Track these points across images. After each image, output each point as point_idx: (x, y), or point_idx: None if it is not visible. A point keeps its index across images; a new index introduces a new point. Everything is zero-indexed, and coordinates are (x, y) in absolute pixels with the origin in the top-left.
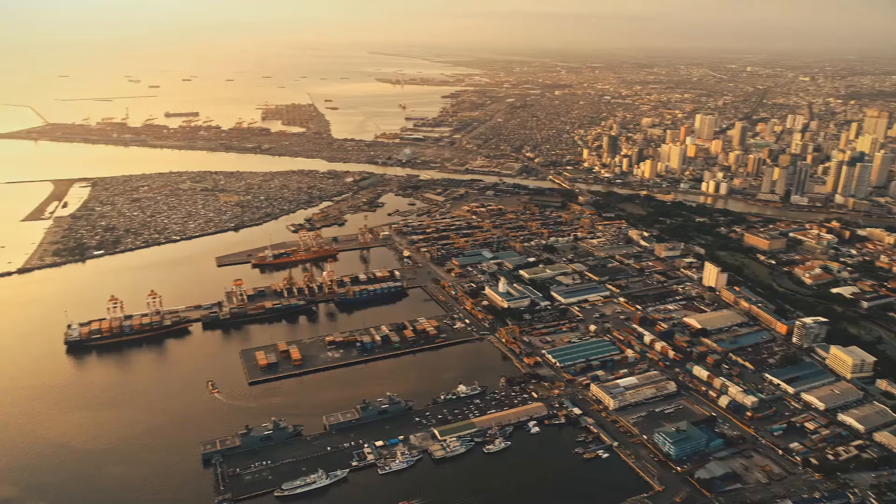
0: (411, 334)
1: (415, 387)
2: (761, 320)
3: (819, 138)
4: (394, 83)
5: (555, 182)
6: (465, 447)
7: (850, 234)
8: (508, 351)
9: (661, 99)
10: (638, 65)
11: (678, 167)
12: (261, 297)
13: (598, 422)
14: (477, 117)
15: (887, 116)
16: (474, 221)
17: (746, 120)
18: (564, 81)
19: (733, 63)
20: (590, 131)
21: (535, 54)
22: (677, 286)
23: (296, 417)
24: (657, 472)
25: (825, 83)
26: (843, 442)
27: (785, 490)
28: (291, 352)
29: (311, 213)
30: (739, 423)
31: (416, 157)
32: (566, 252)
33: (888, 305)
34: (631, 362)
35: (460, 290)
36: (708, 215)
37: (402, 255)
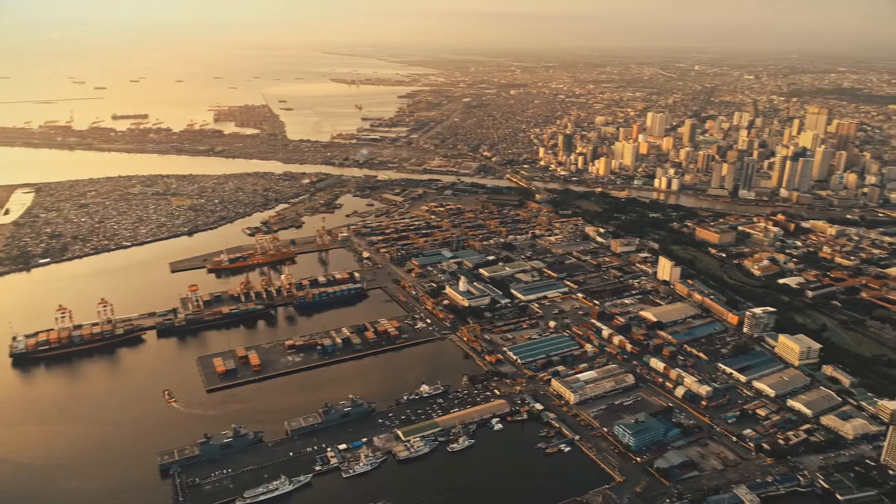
0: (372, 336)
1: (377, 388)
2: (714, 312)
3: (764, 134)
4: (349, 83)
5: (512, 181)
6: (429, 447)
7: (795, 227)
8: (470, 349)
9: (614, 97)
10: (591, 64)
11: (631, 164)
12: (217, 302)
13: (559, 416)
14: (434, 117)
15: (827, 113)
16: (433, 221)
17: (695, 117)
18: (519, 81)
19: (682, 62)
20: (545, 130)
21: (490, 54)
22: (633, 281)
23: (256, 424)
24: (618, 463)
25: (769, 81)
26: (793, 427)
27: (739, 475)
28: (250, 357)
29: (268, 215)
30: (695, 413)
31: (373, 157)
32: (525, 250)
33: (831, 294)
34: (590, 357)
35: (421, 290)
36: (661, 211)
37: (361, 256)
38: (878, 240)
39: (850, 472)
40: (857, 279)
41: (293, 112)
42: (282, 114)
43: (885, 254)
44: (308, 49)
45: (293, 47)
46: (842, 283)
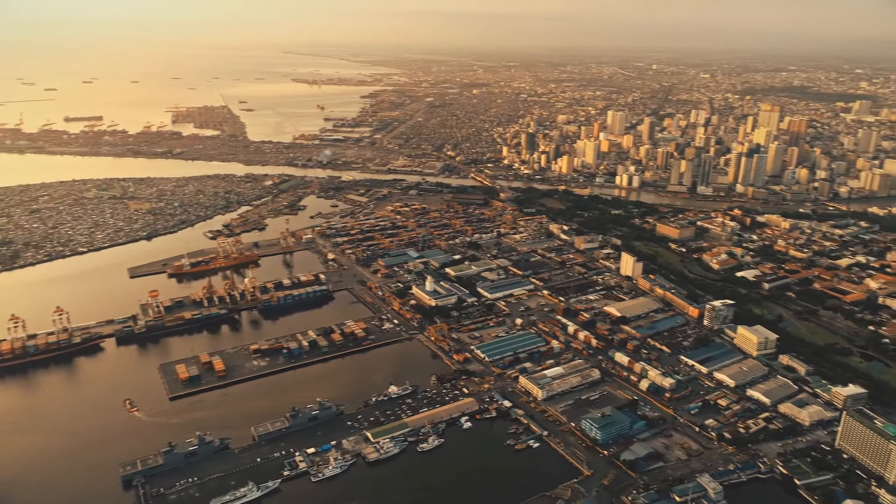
0: (339, 338)
1: (345, 390)
2: (675, 306)
3: (720, 132)
4: (311, 83)
5: (476, 180)
6: (398, 447)
7: (751, 221)
8: (438, 349)
9: (575, 96)
10: (552, 64)
11: (593, 162)
12: (179, 307)
13: (527, 413)
14: (397, 117)
15: (779, 110)
16: (399, 221)
17: (654, 116)
18: (482, 80)
19: (640, 62)
20: (508, 129)
21: (452, 53)
22: (597, 277)
23: (222, 430)
24: (585, 457)
25: (723, 80)
26: (752, 415)
27: (702, 465)
28: (214, 363)
29: (230, 218)
30: (659, 405)
31: (336, 158)
32: (490, 248)
33: (786, 286)
34: (556, 353)
35: (387, 290)
36: (623, 207)
37: (326, 257)
38: (829, 232)
39: (807, 457)
40: (810, 271)
41: (254, 113)
42: (242, 115)
43: (835, 246)
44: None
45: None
46: (796, 274)
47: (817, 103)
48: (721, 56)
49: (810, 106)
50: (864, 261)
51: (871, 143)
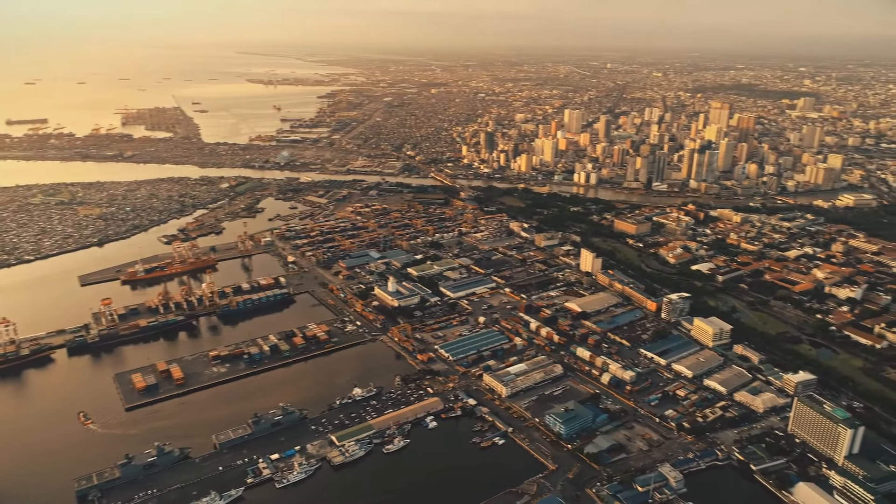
0: (301, 341)
1: (309, 394)
2: (634, 300)
3: (673, 129)
4: (266, 84)
5: (437, 179)
6: (364, 450)
7: (704, 216)
8: (402, 349)
9: (532, 95)
10: (509, 63)
11: (551, 160)
12: (134, 315)
13: (492, 410)
14: (355, 117)
15: (728, 108)
16: (359, 222)
17: (609, 114)
18: (440, 80)
19: (595, 61)
20: (467, 128)
21: (410, 53)
22: (557, 273)
23: (182, 439)
24: (550, 451)
25: (675, 78)
26: (710, 404)
27: (663, 454)
28: (172, 371)
29: (185, 222)
30: (620, 398)
31: (294, 159)
32: (452, 247)
33: (738, 278)
34: (519, 349)
35: (349, 292)
36: (581, 205)
37: (286, 260)
38: (778, 225)
39: (762, 443)
40: (761, 263)
41: (208, 114)
42: (195, 116)
43: (784, 238)
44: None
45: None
46: (747, 266)
47: (764, 100)
48: (672, 55)
49: (758, 103)
50: (811, 252)
51: (815, 139)
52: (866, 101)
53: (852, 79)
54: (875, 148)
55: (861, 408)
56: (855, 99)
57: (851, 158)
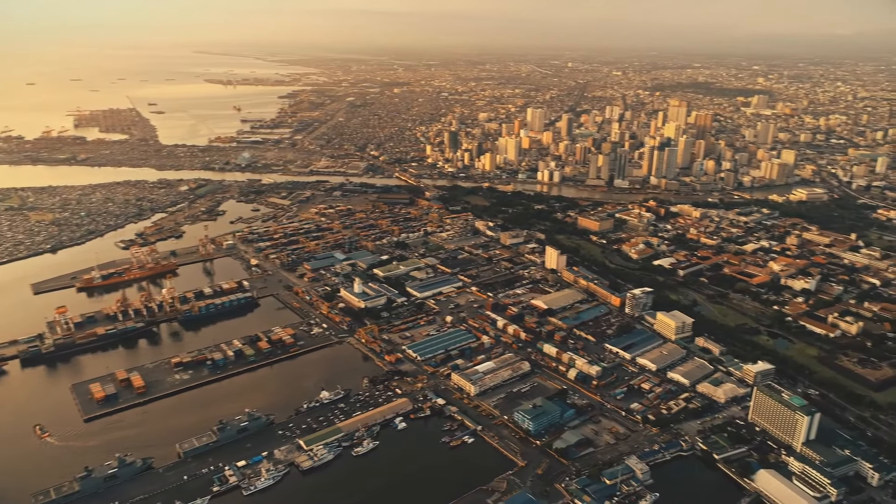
0: (266, 345)
1: (275, 399)
2: (598, 296)
3: (633, 127)
4: (225, 84)
5: (401, 179)
6: (333, 453)
7: (665, 212)
8: (369, 351)
9: (495, 94)
10: (471, 62)
11: (515, 159)
12: (91, 323)
13: (461, 409)
14: (317, 117)
15: (686, 105)
16: (323, 223)
17: (571, 112)
18: (402, 79)
19: (556, 60)
20: (431, 127)
21: (372, 52)
22: (523, 271)
23: (145, 450)
24: (519, 448)
25: (634, 77)
26: (673, 396)
27: (630, 447)
28: (133, 379)
29: (143, 226)
30: (587, 392)
31: (255, 160)
32: (418, 247)
33: (699, 272)
34: (487, 348)
35: (315, 294)
36: (545, 202)
37: (249, 263)
38: (735, 220)
39: (724, 432)
40: (720, 256)
41: (165, 115)
42: (152, 117)
43: (741, 232)
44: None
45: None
46: (707, 261)
47: (720, 98)
48: (631, 54)
49: (714, 101)
50: (767, 245)
51: (769, 135)
52: (816, 98)
53: (803, 77)
54: (825, 144)
55: (817, 395)
56: (806, 96)
57: (803, 154)
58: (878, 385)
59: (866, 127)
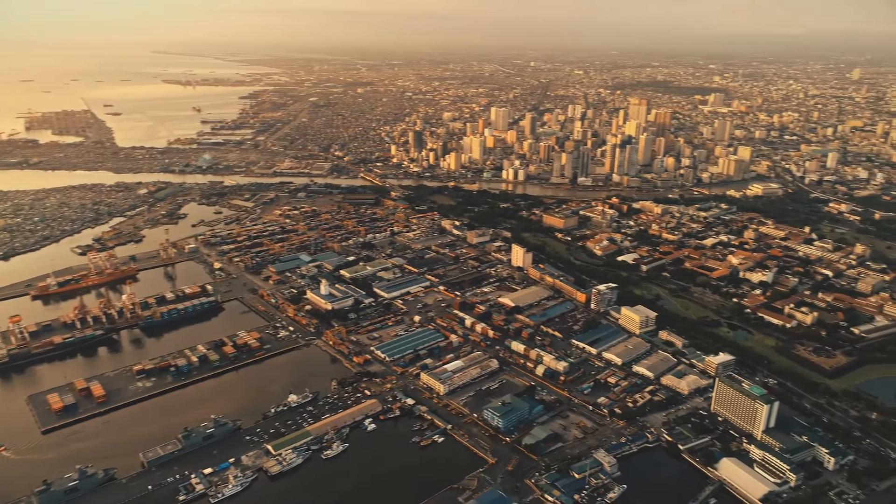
0: (232, 350)
1: (242, 405)
2: (564, 292)
3: (595, 125)
4: (184, 84)
5: (366, 179)
6: (301, 457)
7: (628, 208)
8: (337, 352)
9: (459, 94)
10: (434, 62)
11: (480, 158)
12: (47, 332)
13: (430, 408)
14: (280, 118)
15: (646, 104)
16: (288, 225)
17: (534, 111)
18: (366, 79)
19: (518, 59)
20: (395, 127)
21: (334, 52)
22: (490, 269)
23: (107, 460)
24: (489, 445)
25: (595, 76)
26: (639, 389)
27: (597, 441)
28: (93, 388)
29: (101, 231)
30: (555, 388)
31: (217, 162)
32: (384, 247)
33: (661, 267)
34: (456, 347)
35: (280, 297)
36: (510, 201)
37: (212, 267)
38: (696, 215)
39: (688, 423)
40: (681, 251)
41: (122, 117)
42: (108, 119)
43: (701, 227)
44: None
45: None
46: (669, 255)
47: (678, 96)
48: (593, 53)
49: (673, 99)
50: (726, 239)
51: (725, 132)
52: (770, 96)
53: (757, 75)
54: (779, 140)
55: (775, 384)
56: (760, 94)
57: (759, 150)
58: (833, 372)
59: (817, 123)
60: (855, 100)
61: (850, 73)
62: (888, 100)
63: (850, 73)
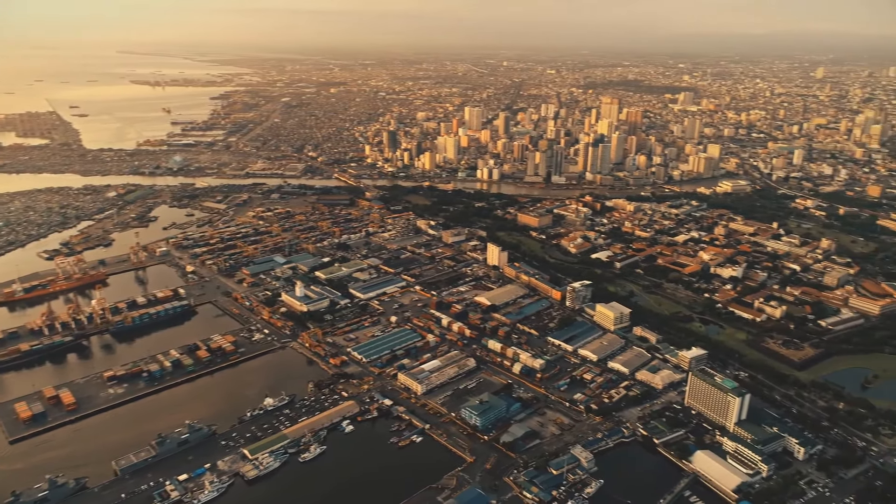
0: (206, 354)
1: (217, 409)
2: (540, 290)
3: (568, 124)
4: (153, 85)
5: (340, 180)
6: (279, 461)
7: (601, 206)
8: (313, 355)
9: (433, 93)
10: (407, 61)
11: (454, 157)
12: (13, 339)
13: (408, 409)
14: (252, 118)
15: (617, 102)
16: (262, 227)
17: (508, 110)
18: (338, 79)
19: (491, 59)
20: (369, 127)
21: (306, 52)
22: (466, 269)
23: (78, 469)
24: (467, 444)
25: (568, 75)
26: (614, 385)
27: (574, 437)
28: (62, 396)
29: (69, 235)
30: (532, 386)
31: (188, 163)
32: (360, 248)
33: (634, 264)
34: (433, 346)
35: (255, 299)
36: (485, 200)
37: (185, 270)
38: (667, 212)
39: (663, 417)
40: (654, 248)
41: (89, 118)
42: (75, 121)
43: (672, 224)
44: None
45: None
46: (642, 252)
47: (649, 95)
48: (565, 53)
49: (643, 98)
50: (697, 236)
51: (695, 131)
52: (737, 94)
53: (725, 74)
54: (747, 137)
55: (746, 377)
56: (728, 93)
57: (727, 148)
58: (801, 364)
59: (783, 121)
60: (819, 98)
61: (815, 72)
62: (850, 98)
63: (815, 71)
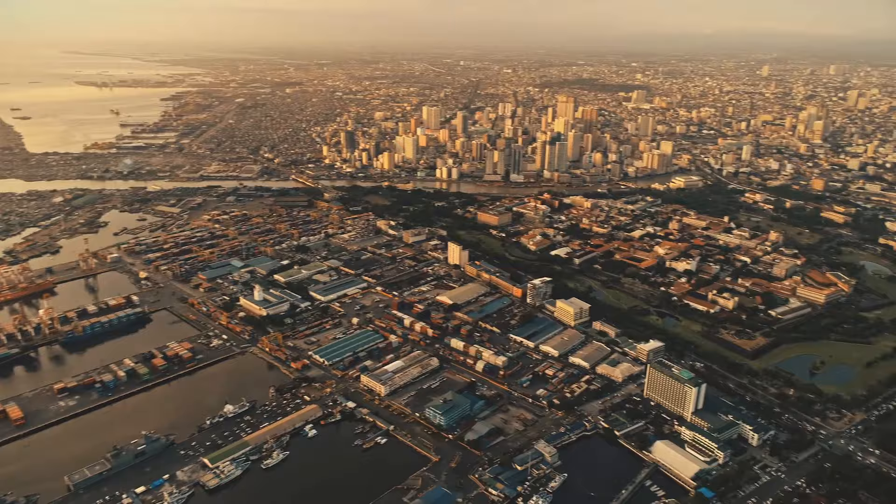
0: (162, 362)
1: (175, 418)
2: (501, 288)
3: (525, 122)
4: (99, 86)
5: (298, 181)
6: (241, 469)
7: (559, 203)
8: (274, 359)
9: (390, 93)
10: (364, 61)
11: (413, 157)
12: None
13: (372, 410)
14: (205, 120)
15: (573, 101)
16: (218, 230)
17: (466, 110)
18: (294, 79)
19: (448, 58)
20: (326, 128)
21: (260, 52)
22: (427, 268)
23: (28, 486)
24: (432, 443)
25: (524, 74)
26: (576, 380)
27: (538, 432)
28: (9, 411)
29: (12, 243)
30: (495, 383)
31: (139, 166)
32: (319, 250)
33: (593, 259)
34: (395, 347)
35: (212, 304)
36: (445, 199)
37: (138, 277)
38: (623, 208)
39: (623, 409)
40: (611, 244)
41: (32, 121)
42: (16, 124)
43: (629, 220)
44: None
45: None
46: (600, 248)
47: (604, 94)
48: (521, 52)
49: (598, 96)
50: (653, 231)
51: (648, 128)
52: (688, 92)
53: (675, 73)
54: (698, 134)
55: (702, 367)
56: (679, 91)
57: (679, 144)
58: (754, 353)
59: (732, 118)
60: (765, 95)
61: (760, 71)
62: (794, 95)
63: (760, 70)
